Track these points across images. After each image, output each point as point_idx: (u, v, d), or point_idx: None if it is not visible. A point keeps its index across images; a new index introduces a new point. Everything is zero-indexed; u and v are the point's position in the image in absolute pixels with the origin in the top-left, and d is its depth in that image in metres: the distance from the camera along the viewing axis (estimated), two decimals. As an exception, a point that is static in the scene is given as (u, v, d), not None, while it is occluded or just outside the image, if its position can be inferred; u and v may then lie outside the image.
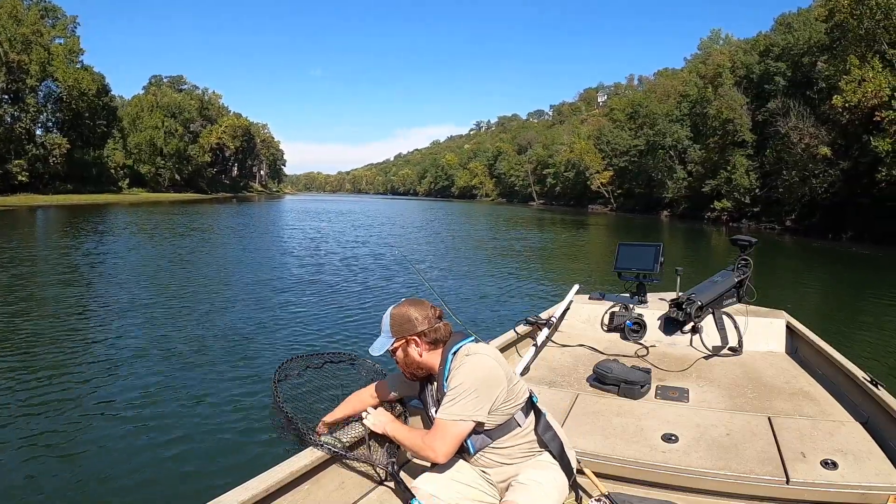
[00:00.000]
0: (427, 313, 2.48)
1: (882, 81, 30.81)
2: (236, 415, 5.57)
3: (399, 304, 2.56)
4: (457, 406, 2.29)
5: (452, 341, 2.47)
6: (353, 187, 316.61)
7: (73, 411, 5.57)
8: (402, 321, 2.47)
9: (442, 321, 2.51)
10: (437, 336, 2.46)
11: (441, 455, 2.32)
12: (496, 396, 2.31)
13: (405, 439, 2.49)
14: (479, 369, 2.31)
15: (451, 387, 2.33)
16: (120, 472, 4.48)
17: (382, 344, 2.50)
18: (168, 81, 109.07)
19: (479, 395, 2.28)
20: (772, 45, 48.62)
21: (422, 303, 2.54)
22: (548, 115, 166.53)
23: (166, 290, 11.85)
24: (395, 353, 2.53)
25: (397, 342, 2.48)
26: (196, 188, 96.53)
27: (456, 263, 18.14)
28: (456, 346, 2.44)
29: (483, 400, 2.29)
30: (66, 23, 67.80)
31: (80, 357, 7.32)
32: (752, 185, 46.01)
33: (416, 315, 2.46)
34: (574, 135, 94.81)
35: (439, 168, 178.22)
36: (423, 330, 2.45)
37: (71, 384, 6.29)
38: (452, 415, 2.29)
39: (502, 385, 2.33)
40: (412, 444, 2.45)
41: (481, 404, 2.29)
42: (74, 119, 67.28)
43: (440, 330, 2.47)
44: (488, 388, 2.30)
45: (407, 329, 2.45)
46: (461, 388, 2.29)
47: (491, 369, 2.32)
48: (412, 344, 2.47)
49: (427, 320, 2.46)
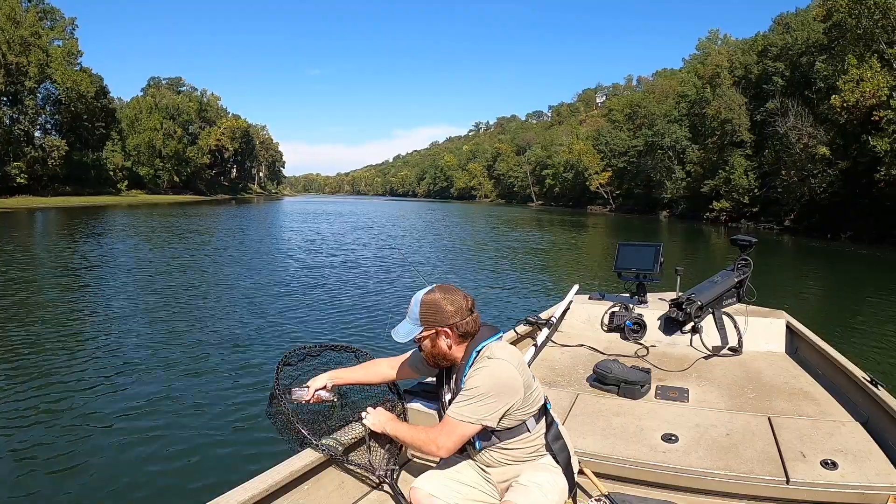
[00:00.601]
0: (460, 304, 2.36)
1: (880, 81, 30.90)
2: (236, 415, 5.58)
3: (431, 290, 2.41)
4: (468, 408, 2.26)
5: (480, 336, 2.39)
6: (352, 189, 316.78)
7: (71, 412, 5.58)
8: (433, 311, 2.35)
9: (472, 314, 2.39)
10: (467, 329, 2.37)
11: (444, 451, 2.32)
12: (510, 404, 2.28)
13: (406, 436, 2.49)
14: (498, 376, 2.26)
15: (468, 387, 2.29)
16: (120, 472, 4.49)
17: (410, 331, 2.39)
18: (167, 83, 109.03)
19: (492, 401, 2.25)
20: (770, 45, 48.71)
21: (454, 291, 2.41)
22: (547, 115, 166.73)
23: (165, 294, 11.85)
24: (421, 342, 2.44)
25: (426, 332, 2.38)
26: (195, 190, 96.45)
27: (456, 264, 18.19)
28: (482, 344, 2.37)
29: (496, 406, 2.26)
30: (64, 24, 67.74)
31: (80, 358, 7.32)
32: (751, 185, 46.08)
33: (449, 307, 2.34)
34: (573, 135, 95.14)
35: (438, 169, 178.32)
36: (455, 322, 2.34)
37: (71, 384, 6.30)
38: (462, 416, 2.27)
39: (518, 395, 2.28)
40: (413, 439, 2.45)
41: (493, 410, 2.26)
42: (73, 121, 67.30)
43: (471, 323, 2.37)
44: (503, 396, 2.26)
45: (439, 320, 2.34)
46: (476, 392, 2.26)
47: (509, 378, 2.27)
48: (442, 336, 2.37)
49: (459, 312, 2.35)
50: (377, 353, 3.12)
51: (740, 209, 47.34)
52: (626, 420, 3.24)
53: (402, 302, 11.33)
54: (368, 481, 2.69)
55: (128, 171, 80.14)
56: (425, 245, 25.00)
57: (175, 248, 21.01)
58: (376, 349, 7.13)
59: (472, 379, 2.29)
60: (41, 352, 7.49)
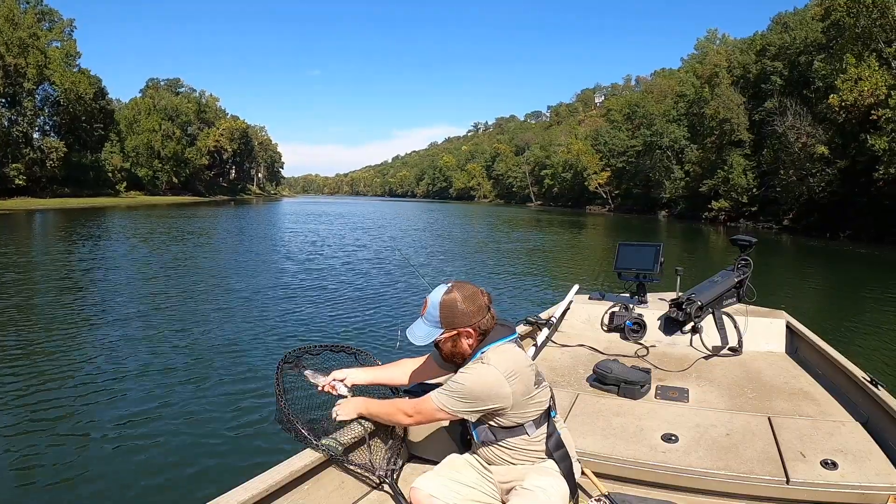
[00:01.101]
0: (479, 303, 2.35)
1: (878, 80, 30.93)
2: (236, 416, 5.58)
3: (448, 290, 2.37)
4: (448, 399, 2.32)
5: (491, 337, 2.38)
6: (351, 189, 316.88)
7: (71, 412, 5.58)
8: (454, 311, 2.33)
9: (490, 311, 2.38)
10: (486, 328, 2.36)
11: (411, 422, 2.51)
12: (492, 408, 2.29)
13: (379, 410, 2.58)
14: (481, 382, 2.27)
15: (454, 380, 2.33)
16: (120, 472, 4.49)
17: (429, 333, 2.37)
18: (165, 84, 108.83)
19: (470, 402, 2.29)
20: (768, 44, 48.79)
21: (472, 289, 2.39)
22: (545, 116, 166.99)
23: (165, 295, 11.86)
24: (441, 344, 2.42)
25: (447, 333, 2.36)
26: (193, 191, 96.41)
27: (457, 264, 18.19)
28: (488, 346, 2.36)
29: (474, 406, 2.30)
30: (62, 26, 67.71)
31: (79, 360, 7.32)
32: (750, 185, 46.15)
33: (470, 307, 2.32)
34: (571, 135, 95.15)
35: (437, 169, 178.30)
36: (477, 322, 2.33)
37: (70, 388, 6.29)
38: (441, 403, 2.33)
39: (504, 401, 2.28)
40: (386, 411, 2.55)
41: (471, 409, 2.30)
42: (71, 122, 67.22)
43: (490, 320, 2.37)
44: (480, 401, 2.28)
45: (460, 321, 2.32)
46: (460, 388, 2.29)
47: (494, 385, 2.26)
48: (464, 336, 2.36)
49: (480, 311, 2.34)
50: (377, 353, 3.10)
51: (739, 209, 47.39)
52: (626, 420, 3.23)
53: (403, 302, 11.33)
54: (368, 481, 2.68)
55: (126, 172, 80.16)
56: (426, 246, 24.96)
57: (174, 250, 20.97)
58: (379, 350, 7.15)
59: (461, 375, 2.33)
60: (39, 355, 7.47)
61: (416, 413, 2.43)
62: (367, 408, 2.61)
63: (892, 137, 29.06)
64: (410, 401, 2.49)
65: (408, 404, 2.47)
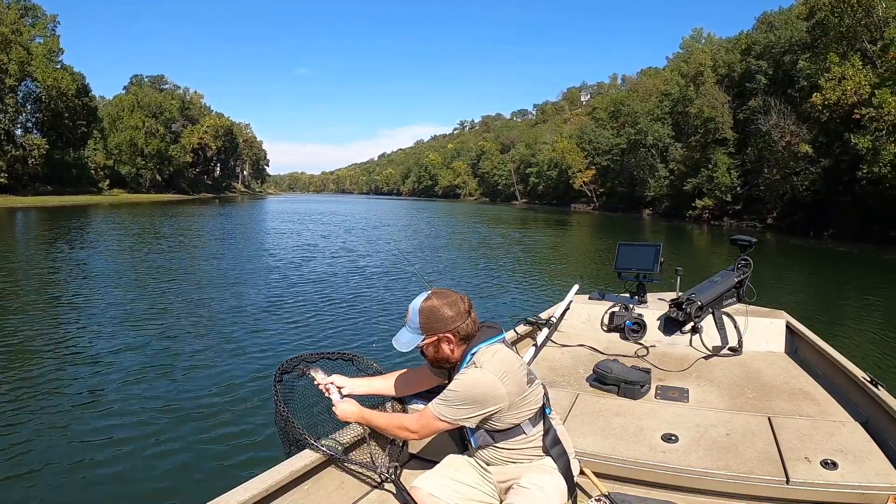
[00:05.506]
0: (459, 308, 2.40)
1: (861, 79, 31.17)
2: (236, 416, 5.58)
3: (427, 297, 2.45)
4: (446, 408, 2.34)
5: (477, 339, 2.43)
6: (337, 187, 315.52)
7: (70, 413, 5.55)
8: (433, 318, 2.39)
9: (471, 315, 2.43)
10: (467, 332, 2.41)
11: (415, 437, 2.53)
12: (490, 411, 2.32)
13: (380, 422, 2.58)
14: (477, 386, 2.30)
15: (450, 388, 2.36)
16: (120, 472, 4.47)
17: (411, 340, 2.43)
18: (149, 81, 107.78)
19: (468, 407, 2.31)
20: (753, 43, 49.09)
21: (451, 295, 2.45)
22: (531, 114, 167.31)
23: (157, 295, 11.78)
24: (424, 350, 2.47)
25: (428, 339, 2.42)
26: (177, 189, 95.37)
27: (454, 265, 18.16)
28: (477, 347, 2.41)
29: (473, 411, 2.32)
30: (45, 22, 66.90)
31: (74, 358, 7.30)
32: (734, 183, 46.44)
33: (448, 312, 2.38)
34: (557, 134, 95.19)
35: (423, 168, 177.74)
36: (457, 326, 2.39)
37: (64, 392, 6.25)
38: (441, 413, 2.35)
39: (500, 402, 2.31)
40: (388, 424, 2.56)
41: (470, 414, 2.33)
42: (54, 119, 66.16)
43: (470, 325, 2.41)
44: (478, 404, 2.31)
45: (439, 327, 2.39)
46: (456, 395, 2.32)
47: (489, 388, 2.29)
48: (444, 341, 2.42)
49: (459, 316, 2.39)
50: (375, 357, 3.11)
51: (723, 207, 47.68)
52: (626, 420, 3.25)
53: (399, 306, 11.29)
54: (369, 481, 2.69)
55: (109, 169, 79.13)
56: (421, 246, 24.76)
57: (159, 250, 20.81)
58: (376, 353, 7.15)
59: (455, 382, 2.36)
60: (30, 359, 7.38)
61: (421, 428, 2.45)
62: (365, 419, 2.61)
63: (876, 136, 29.28)
64: (411, 416, 2.53)
65: (410, 420, 2.49)
